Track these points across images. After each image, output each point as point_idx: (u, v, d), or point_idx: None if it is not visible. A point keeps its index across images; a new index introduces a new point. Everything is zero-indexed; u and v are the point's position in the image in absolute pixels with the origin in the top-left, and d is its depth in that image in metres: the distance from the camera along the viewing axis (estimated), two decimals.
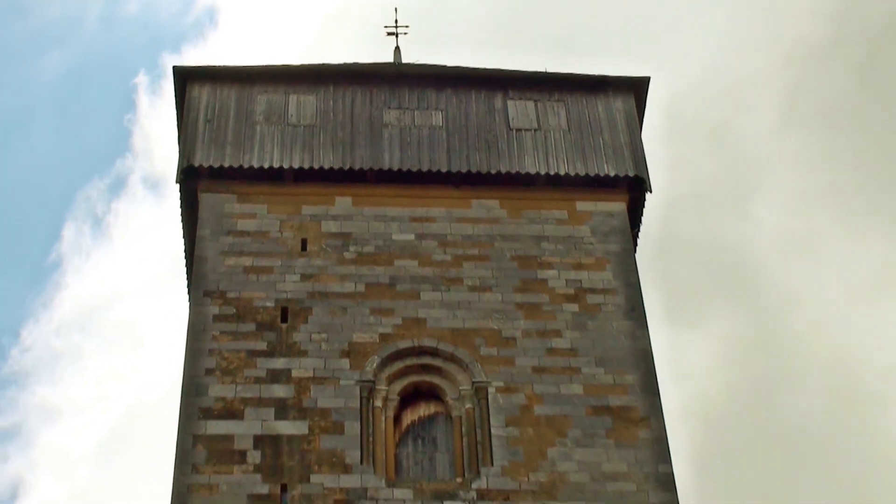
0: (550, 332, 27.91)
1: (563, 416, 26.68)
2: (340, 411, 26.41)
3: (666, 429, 26.68)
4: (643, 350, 27.82)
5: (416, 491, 25.51)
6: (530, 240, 29.40)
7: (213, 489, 25.18)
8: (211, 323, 27.54)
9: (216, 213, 29.28)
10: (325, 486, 25.35)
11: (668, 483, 25.88)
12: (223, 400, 26.42)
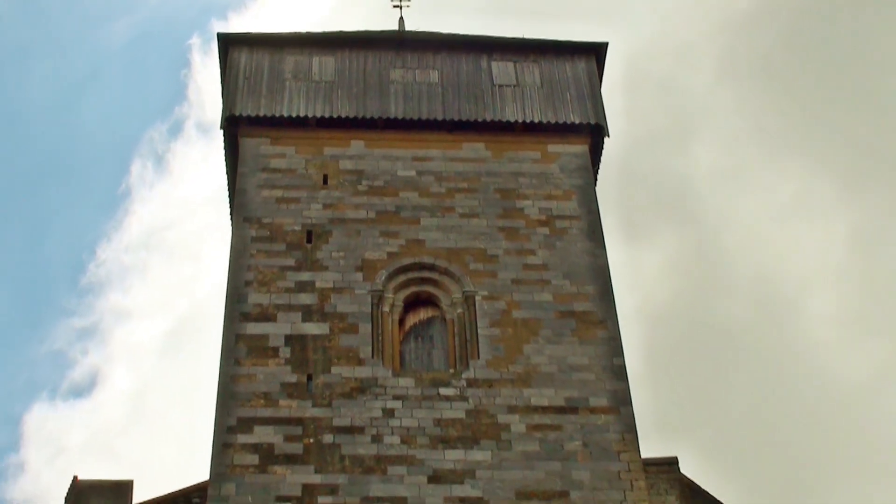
0: (526, 251, 28.21)
1: (536, 319, 27.04)
2: (355, 315, 26.77)
3: (619, 329, 27.02)
4: (601, 266, 28.13)
5: (417, 380, 25.88)
6: (510, 176, 29.58)
7: (252, 378, 25.57)
8: (249, 244, 27.81)
9: (253, 153, 29.46)
10: (342, 375, 25.73)
11: (621, 373, 26.27)
12: (260, 306, 26.76)
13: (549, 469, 24.70)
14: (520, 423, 25.29)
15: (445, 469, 24.56)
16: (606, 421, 25.48)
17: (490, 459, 24.74)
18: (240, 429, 24.81)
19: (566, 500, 24.32)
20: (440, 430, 25.09)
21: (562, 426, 25.30)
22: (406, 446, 24.82)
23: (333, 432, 24.90)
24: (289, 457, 24.48)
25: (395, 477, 24.39)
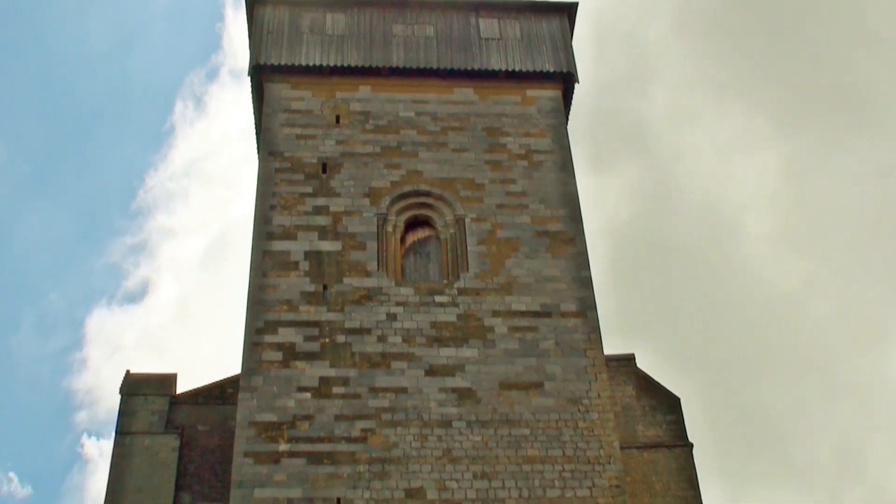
0: (508, 181, 28.17)
1: (516, 238, 27.10)
2: (363, 234, 26.81)
3: (586, 246, 27.08)
4: (571, 193, 28.13)
5: (416, 289, 25.99)
6: (495, 116, 29.44)
7: (276, 288, 25.67)
8: (273, 174, 27.74)
9: (276, 97, 29.27)
10: (353, 285, 25.84)
11: (587, 283, 26.39)
12: (282, 226, 26.77)
13: (527, 364, 24.88)
14: (502, 326, 25.44)
15: (440, 364, 24.73)
16: (575, 323, 25.63)
17: (477, 356, 24.90)
18: (266, 330, 24.94)
19: (541, 389, 24.53)
20: (435, 331, 25.24)
21: (537, 328, 25.46)
22: (406, 345, 24.96)
23: (345, 333, 25.03)
24: (308, 354, 24.64)
25: (397, 371, 24.56)
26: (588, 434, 23.90)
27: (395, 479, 22.91)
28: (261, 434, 23.39)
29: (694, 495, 28.09)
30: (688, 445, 29.11)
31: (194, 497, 27.59)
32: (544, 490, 23.00)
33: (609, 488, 23.11)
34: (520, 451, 23.53)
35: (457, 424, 23.81)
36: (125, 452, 28.10)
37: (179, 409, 29.22)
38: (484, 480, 23.05)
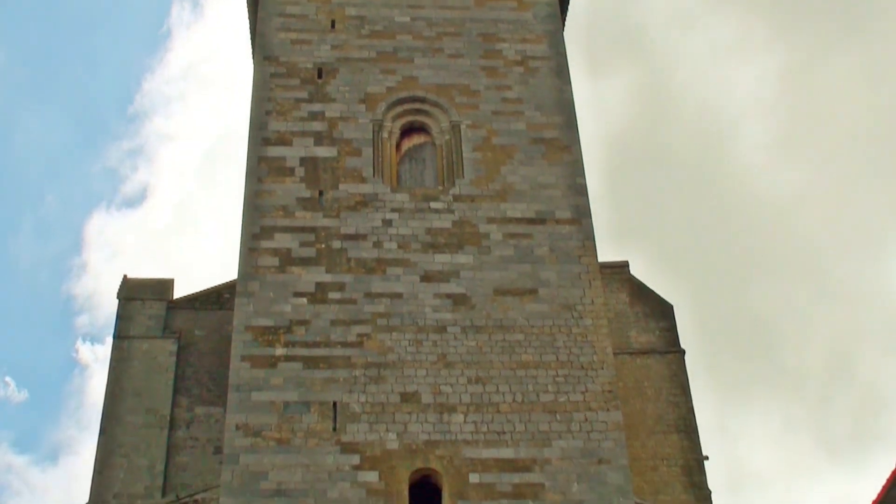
0: (504, 87, 28.01)
1: (512, 145, 27.04)
2: (359, 141, 26.74)
3: (582, 153, 27.02)
4: (567, 99, 27.97)
5: (411, 195, 26.03)
6: (490, 22, 29.13)
7: (272, 194, 25.70)
8: (269, 79, 27.57)
9: (272, 0, 29.00)
10: (348, 191, 25.86)
11: (582, 190, 26.39)
12: (278, 132, 26.69)
13: (521, 270, 25.05)
14: (497, 232, 25.54)
15: (435, 270, 24.89)
16: (569, 230, 25.73)
17: (472, 262, 25.05)
18: (262, 236, 25.04)
19: (535, 295, 24.73)
20: (430, 237, 25.35)
21: (532, 234, 25.56)
22: (402, 251, 25.09)
23: (341, 239, 25.15)
24: (303, 259, 24.78)
25: (392, 276, 24.72)
26: (581, 340, 24.17)
27: (390, 384, 23.21)
28: (257, 338, 23.64)
29: (685, 400, 28.58)
30: (680, 351, 29.53)
31: (192, 401, 28.02)
32: (537, 394, 23.32)
33: (601, 393, 23.45)
34: (514, 357, 23.81)
35: (451, 330, 24.05)
36: (123, 357, 28.46)
37: (177, 314, 29.53)
38: (478, 385, 23.36)
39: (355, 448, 22.32)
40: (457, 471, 22.16)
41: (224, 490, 21.73)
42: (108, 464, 26.53)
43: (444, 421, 22.79)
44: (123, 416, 27.31)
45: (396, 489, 21.84)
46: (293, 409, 22.72)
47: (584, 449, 22.62)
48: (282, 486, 21.74)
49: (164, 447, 26.97)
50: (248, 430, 22.41)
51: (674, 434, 27.82)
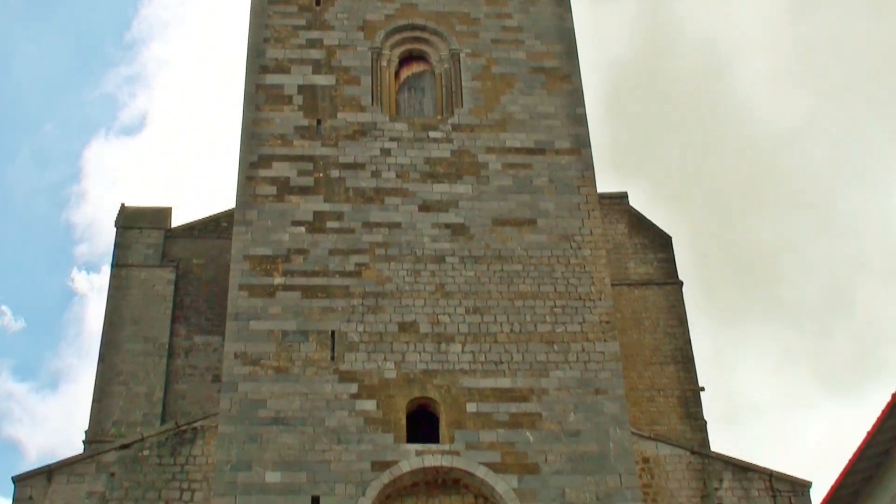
0: (504, 15, 27.72)
1: (511, 74, 26.84)
2: (357, 69, 26.54)
3: (582, 83, 26.81)
4: (568, 28, 27.67)
5: (410, 124, 25.90)
6: None
7: (270, 122, 25.55)
8: (266, 5, 27.24)
9: None
10: (347, 120, 25.72)
11: (582, 120, 26.24)
12: (276, 60, 26.48)
13: (520, 200, 25.00)
14: (496, 162, 25.45)
15: (433, 200, 24.85)
16: (569, 160, 25.64)
17: (471, 192, 25.00)
18: (260, 164, 24.96)
19: (534, 226, 24.71)
20: (429, 167, 25.27)
21: (531, 165, 25.48)
22: (400, 180, 25.03)
23: (339, 168, 25.07)
24: (301, 188, 24.72)
25: (391, 206, 24.68)
26: (580, 270, 24.20)
27: (388, 313, 23.29)
28: (255, 267, 23.66)
29: (682, 332, 28.68)
30: (678, 283, 29.57)
31: (190, 329, 28.12)
32: (535, 325, 23.40)
33: (599, 324, 23.54)
34: (512, 287, 23.86)
35: (450, 260, 24.07)
36: (121, 285, 28.50)
37: (175, 243, 29.51)
38: (476, 315, 23.44)
39: (353, 377, 22.45)
40: (454, 400, 22.31)
41: (223, 418, 21.89)
42: (106, 392, 26.69)
43: (441, 350, 22.90)
44: (122, 344, 27.42)
45: (394, 418, 22.01)
46: (291, 338, 22.82)
47: (581, 379, 22.75)
48: (280, 414, 21.90)
49: (163, 375, 27.12)
50: (246, 359, 22.53)
51: (670, 365, 27.96)
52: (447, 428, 22.01)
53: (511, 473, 21.48)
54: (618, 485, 21.52)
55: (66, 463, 21.63)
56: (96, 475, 21.49)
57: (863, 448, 12.76)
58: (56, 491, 21.29)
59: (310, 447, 21.55)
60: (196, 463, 21.75)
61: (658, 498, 21.97)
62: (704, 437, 26.51)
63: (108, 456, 21.76)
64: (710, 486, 22.22)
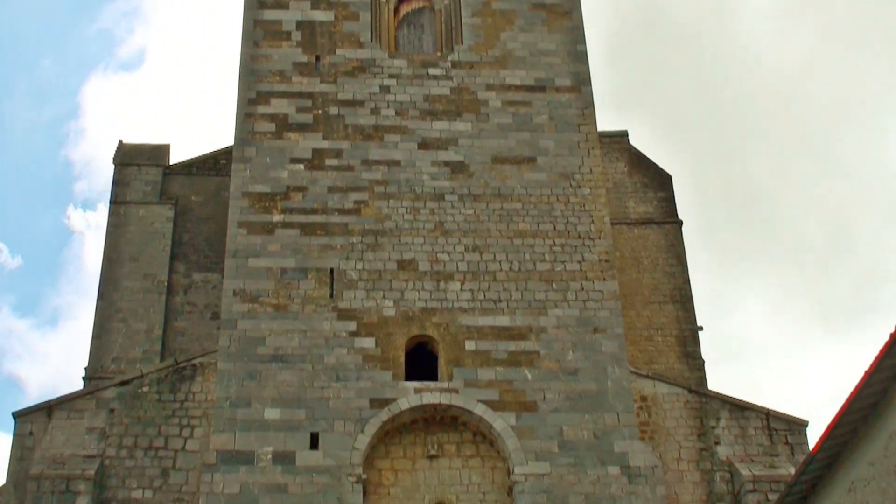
0: None
1: (513, 11, 26.57)
2: (356, 4, 26.24)
3: (583, 20, 26.52)
4: None
5: (409, 61, 25.69)
6: None
7: (268, 58, 25.33)
8: None
9: None
10: (345, 56, 25.52)
11: (583, 57, 26.03)
12: None
13: (520, 138, 24.89)
14: (496, 100, 25.29)
15: (433, 137, 24.73)
16: (569, 98, 25.49)
17: (470, 130, 24.87)
18: (258, 101, 24.80)
19: (534, 164, 24.62)
20: (428, 104, 25.11)
21: (531, 102, 25.33)
22: (399, 118, 24.89)
23: (338, 105, 24.91)
24: (300, 125, 24.59)
25: (390, 143, 24.57)
26: (579, 209, 24.16)
27: (387, 251, 23.28)
28: (254, 205, 23.61)
29: (681, 271, 28.67)
30: (677, 222, 29.51)
31: (189, 266, 28.10)
32: (534, 263, 23.41)
33: (598, 263, 23.53)
34: (511, 225, 23.83)
35: (449, 198, 24.02)
36: (120, 222, 28.43)
37: (173, 180, 29.40)
38: (475, 253, 23.43)
39: (352, 315, 22.50)
40: (453, 338, 22.38)
41: (222, 355, 21.96)
42: (106, 328, 26.74)
43: (440, 288, 22.92)
44: (121, 281, 27.42)
45: (393, 355, 22.08)
46: (290, 276, 22.83)
47: (579, 318, 22.80)
48: (279, 352, 21.97)
49: (162, 312, 27.15)
50: (245, 296, 22.55)
51: (669, 304, 27.99)
52: (446, 366, 22.09)
53: (509, 411, 21.61)
54: (615, 423, 21.66)
55: (65, 399, 21.74)
56: (96, 411, 21.61)
57: (860, 387, 12.76)
58: (56, 427, 21.41)
59: (309, 384, 21.65)
60: (195, 399, 21.86)
61: (655, 436, 22.12)
62: (702, 377, 26.62)
63: (107, 392, 21.87)
64: (707, 424, 22.36)
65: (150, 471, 21.09)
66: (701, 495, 21.60)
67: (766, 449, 22.13)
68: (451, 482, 21.44)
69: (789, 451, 22.05)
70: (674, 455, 21.98)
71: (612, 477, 21.05)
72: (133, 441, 21.36)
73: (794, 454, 21.92)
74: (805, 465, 14.89)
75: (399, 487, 21.38)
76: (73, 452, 21.12)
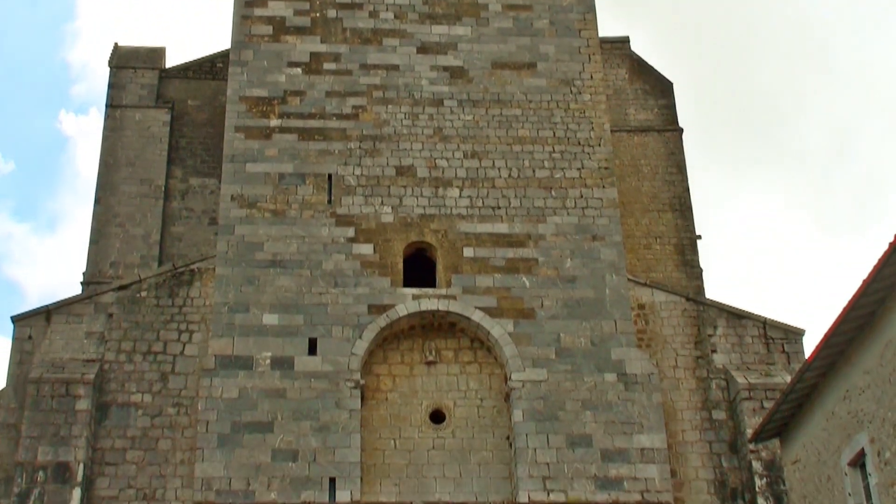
0: None
1: None
2: None
3: None
4: None
5: None
6: None
7: None
8: None
9: None
10: None
11: None
12: None
13: (520, 43, 24.58)
14: (496, 3, 24.88)
15: (432, 41, 24.41)
16: (570, 2, 25.07)
17: (470, 34, 24.55)
18: (256, 3, 24.42)
19: (534, 69, 24.36)
20: (428, 7, 24.72)
21: (532, 6, 24.94)
22: (398, 21, 24.54)
23: (336, 8, 24.53)
24: (298, 28, 24.26)
25: (388, 47, 24.27)
26: (579, 116, 23.97)
27: (385, 157, 23.15)
28: (251, 109, 23.40)
29: (681, 179, 28.55)
30: (678, 130, 29.30)
31: (186, 171, 27.97)
32: (534, 170, 23.30)
33: (598, 170, 23.42)
34: (510, 131, 23.67)
35: (448, 103, 23.81)
36: (116, 126, 28.22)
37: (170, 84, 29.11)
38: (474, 160, 23.31)
39: (350, 221, 22.45)
40: (451, 245, 22.37)
41: (220, 260, 21.97)
42: (103, 233, 26.69)
43: (439, 195, 22.85)
44: (118, 186, 27.29)
45: (391, 262, 22.10)
46: (288, 181, 22.74)
47: (578, 225, 22.77)
48: (277, 257, 21.98)
49: (160, 218, 27.07)
50: (242, 202, 22.48)
51: (668, 212, 27.93)
52: (444, 272, 22.12)
53: (507, 318, 21.70)
54: (613, 330, 21.77)
55: (64, 303, 21.80)
56: (95, 315, 21.68)
57: (858, 296, 12.76)
58: (55, 331, 21.51)
59: (307, 290, 21.70)
60: (194, 305, 21.92)
61: (652, 343, 22.24)
62: (700, 285, 26.67)
63: (106, 297, 21.92)
64: (704, 332, 22.47)
65: (149, 375, 21.24)
66: (697, 402, 21.79)
67: (763, 357, 22.28)
68: (448, 388, 21.62)
69: (785, 360, 22.21)
70: (670, 363, 22.13)
71: (609, 384, 21.22)
72: (132, 346, 21.48)
73: (790, 362, 22.08)
74: (801, 374, 14.99)
75: (397, 393, 21.57)
76: (72, 357, 21.25)
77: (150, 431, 20.74)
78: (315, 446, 20.24)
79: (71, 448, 19.93)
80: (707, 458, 21.31)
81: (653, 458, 20.58)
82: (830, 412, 14.73)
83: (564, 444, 20.58)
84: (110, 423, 20.75)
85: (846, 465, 14.27)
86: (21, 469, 19.76)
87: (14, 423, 20.49)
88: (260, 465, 20.05)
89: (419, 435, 21.18)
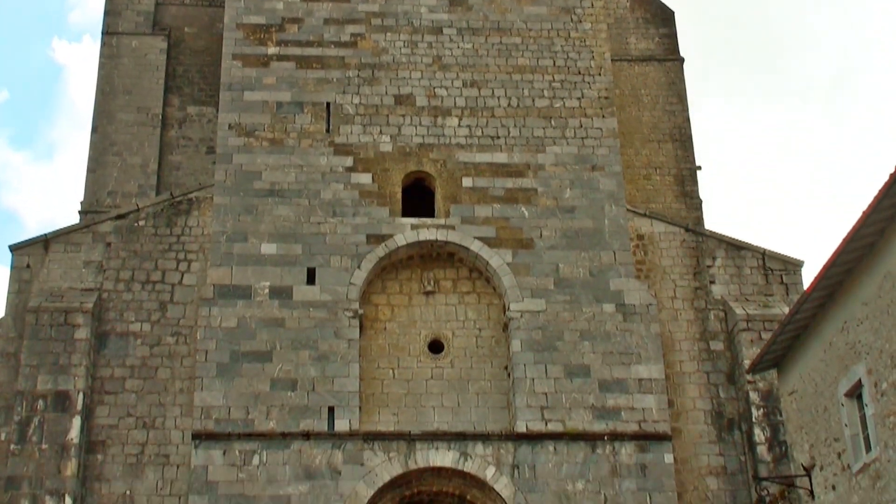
0: None
1: None
2: None
3: None
4: None
5: None
6: None
7: None
8: None
9: None
10: None
11: None
12: None
13: None
14: None
15: None
16: None
17: None
18: None
19: None
20: None
21: None
22: None
23: None
24: None
25: None
26: (580, 44, 23.73)
27: (384, 85, 22.95)
28: (249, 36, 23.16)
29: (682, 109, 28.35)
30: (679, 59, 29.02)
31: (184, 100, 27.74)
32: (533, 100, 23.12)
33: (598, 99, 23.25)
34: (510, 60, 23.45)
35: (447, 31, 23.56)
36: (112, 54, 27.93)
37: (166, 10, 28.78)
38: (473, 88, 23.12)
39: (349, 150, 22.33)
40: (450, 174, 22.27)
41: (217, 189, 21.88)
42: (101, 162, 26.55)
43: (438, 124, 22.70)
44: (115, 114, 27.08)
45: (389, 191, 22.02)
46: (286, 110, 22.57)
47: (577, 155, 22.66)
48: (275, 187, 21.89)
49: (157, 146, 26.91)
50: (240, 130, 22.34)
51: (668, 143, 27.78)
52: (443, 202, 22.05)
53: (505, 248, 21.67)
54: (611, 261, 21.76)
55: (62, 232, 21.75)
56: (93, 244, 21.65)
57: (857, 227, 12.71)
58: (53, 260, 21.49)
59: (305, 219, 21.64)
60: (192, 234, 21.88)
61: (651, 274, 22.24)
62: (699, 216, 26.60)
63: (104, 226, 21.87)
64: (703, 263, 22.46)
65: (147, 304, 21.27)
66: (695, 333, 21.85)
67: (761, 288, 22.29)
68: (446, 318, 21.67)
69: (784, 291, 22.23)
70: (669, 293, 22.15)
71: (608, 314, 21.26)
72: (130, 275, 21.48)
73: (788, 294, 22.11)
74: (799, 305, 14.98)
75: (395, 323, 21.62)
76: (70, 286, 21.26)
77: (150, 360, 20.82)
78: (314, 375, 20.33)
79: (70, 377, 20.02)
80: (704, 388, 21.42)
81: (650, 389, 20.68)
82: (828, 343, 14.76)
83: (562, 375, 20.67)
84: (109, 353, 20.82)
85: (843, 396, 14.32)
86: (21, 398, 19.86)
87: (13, 352, 20.57)
88: (259, 394, 20.15)
89: (418, 365, 21.28)
